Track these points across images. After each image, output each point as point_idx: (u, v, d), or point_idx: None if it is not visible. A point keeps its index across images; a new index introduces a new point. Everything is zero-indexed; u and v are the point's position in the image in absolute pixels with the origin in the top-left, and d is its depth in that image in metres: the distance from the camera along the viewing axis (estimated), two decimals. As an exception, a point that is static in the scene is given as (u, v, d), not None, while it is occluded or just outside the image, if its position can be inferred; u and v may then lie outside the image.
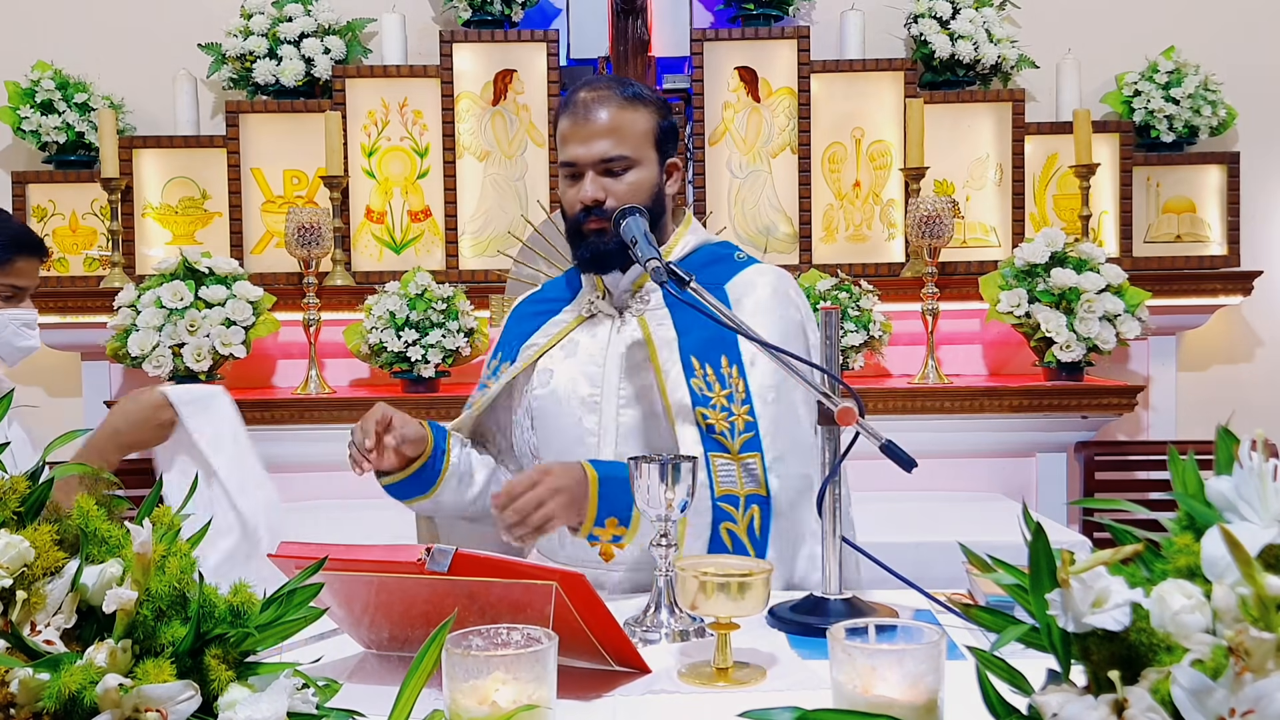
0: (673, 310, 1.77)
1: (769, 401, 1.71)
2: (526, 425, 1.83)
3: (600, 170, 1.73)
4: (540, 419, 1.80)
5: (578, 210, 1.75)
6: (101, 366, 3.54)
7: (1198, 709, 0.65)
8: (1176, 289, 3.56)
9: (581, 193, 1.73)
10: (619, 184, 1.73)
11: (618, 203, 1.72)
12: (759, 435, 1.69)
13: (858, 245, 3.61)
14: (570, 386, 1.77)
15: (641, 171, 1.75)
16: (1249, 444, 0.77)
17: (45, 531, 0.88)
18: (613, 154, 1.73)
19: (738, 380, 1.71)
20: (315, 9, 3.57)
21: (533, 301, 1.96)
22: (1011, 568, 0.86)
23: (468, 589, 1.19)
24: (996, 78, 3.65)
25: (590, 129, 1.73)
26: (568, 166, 1.76)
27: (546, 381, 1.80)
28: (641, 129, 1.75)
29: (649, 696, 1.19)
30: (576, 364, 1.79)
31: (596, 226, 1.73)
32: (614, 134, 1.73)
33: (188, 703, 0.81)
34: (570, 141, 1.75)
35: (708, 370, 1.71)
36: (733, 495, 1.67)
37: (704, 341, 1.73)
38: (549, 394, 1.79)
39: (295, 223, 3.20)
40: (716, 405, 1.69)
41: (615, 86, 1.77)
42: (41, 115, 3.52)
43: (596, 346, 1.79)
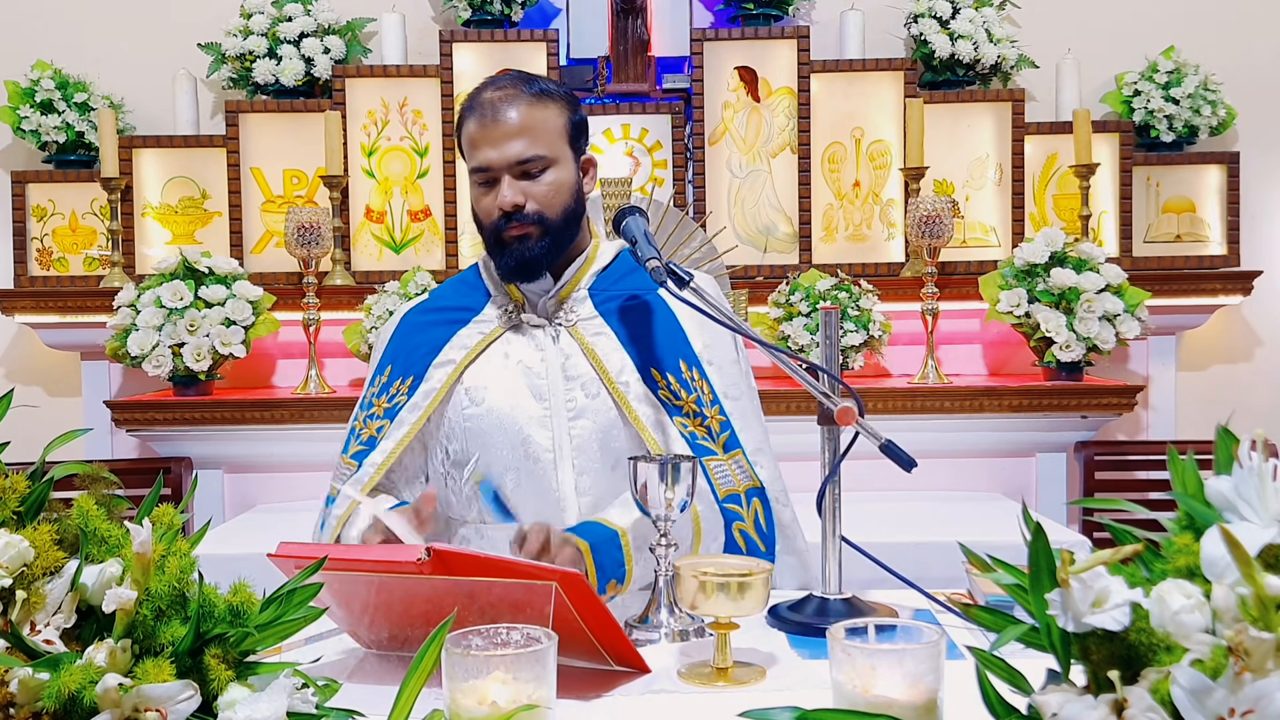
0: (609, 320, 1.72)
1: (734, 399, 1.73)
2: (455, 449, 1.71)
3: (516, 173, 1.64)
4: (475, 439, 1.68)
5: (496, 217, 1.65)
6: (101, 366, 3.54)
7: (1197, 709, 0.65)
8: (1176, 289, 3.55)
9: (500, 198, 1.63)
10: (538, 185, 1.65)
11: (538, 205, 1.65)
12: (734, 432, 1.70)
13: (857, 245, 3.61)
14: (512, 402, 1.68)
15: (559, 171, 1.67)
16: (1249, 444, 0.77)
17: (45, 531, 0.88)
18: (528, 154, 1.64)
19: (701, 382, 1.71)
20: (315, 9, 3.57)
21: (424, 311, 1.82)
22: (1011, 568, 0.86)
23: (467, 589, 1.19)
24: (996, 78, 3.65)
25: (501, 130, 1.64)
26: (481, 172, 1.65)
27: (480, 399, 1.69)
28: (554, 126, 1.67)
29: (649, 696, 1.19)
30: (513, 378, 1.69)
31: (519, 232, 1.65)
32: (526, 134, 1.64)
33: (187, 702, 0.81)
34: (481, 145, 1.65)
35: (670, 379, 1.70)
36: (734, 494, 1.67)
37: (656, 351, 1.71)
38: (484, 412, 1.68)
39: (295, 222, 3.20)
40: (689, 411, 1.69)
41: (521, 84, 1.68)
42: (41, 115, 3.52)
43: (533, 359, 1.70)
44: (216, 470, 3.29)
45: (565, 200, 1.68)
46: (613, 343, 1.71)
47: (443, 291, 1.87)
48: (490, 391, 1.69)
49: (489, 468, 1.68)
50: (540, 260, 1.68)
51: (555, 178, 1.66)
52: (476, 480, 1.70)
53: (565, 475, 1.66)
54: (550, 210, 1.66)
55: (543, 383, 1.69)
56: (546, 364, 1.70)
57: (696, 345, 1.73)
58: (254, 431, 3.23)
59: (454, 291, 1.83)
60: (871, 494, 2.78)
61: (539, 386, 1.69)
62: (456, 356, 1.72)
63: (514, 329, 1.73)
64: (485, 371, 1.71)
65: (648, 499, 1.40)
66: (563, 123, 1.68)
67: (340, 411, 3.19)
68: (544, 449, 1.66)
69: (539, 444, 1.66)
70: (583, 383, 1.69)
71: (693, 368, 1.71)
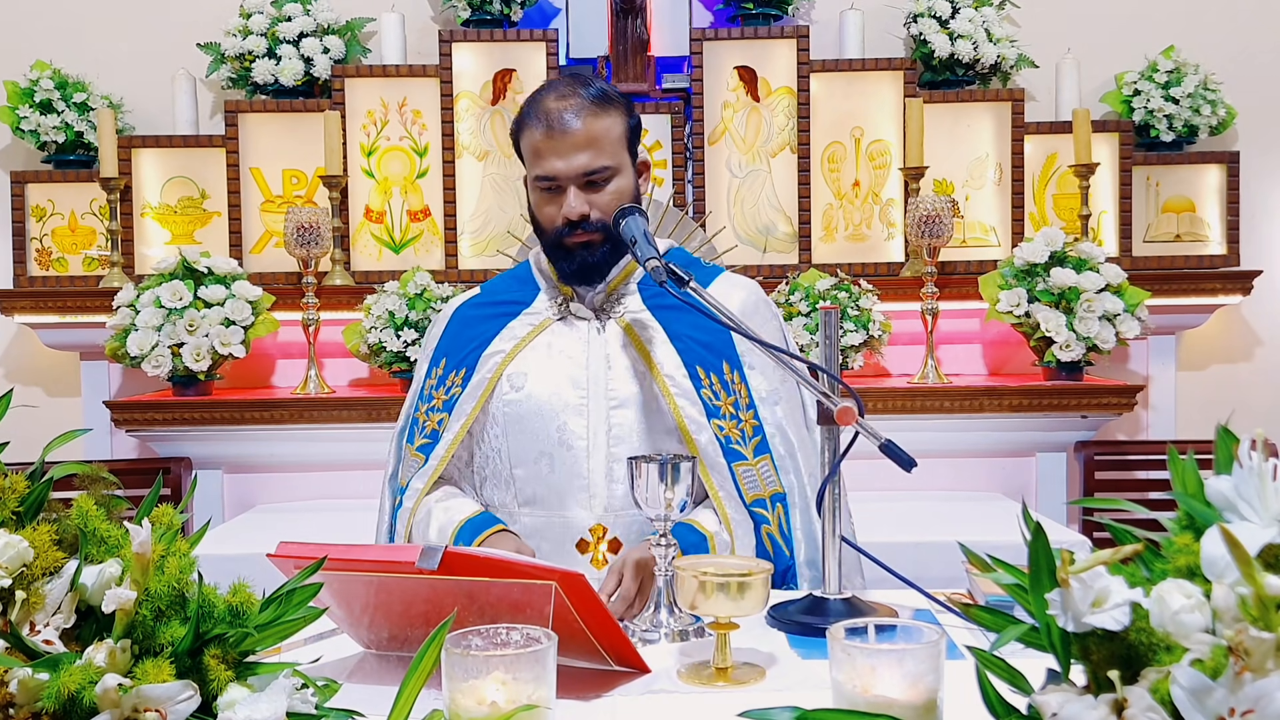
0: (658, 315, 1.76)
1: (771, 404, 1.75)
2: (495, 434, 1.75)
3: (582, 183, 1.67)
4: (513, 424, 1.73)
5: (560, 225, 1.69)
6: (101, 366, 3.54)
7: (1197, 708, 0.65)
8: (1176, 288, 3.55)
9: (567, 209, 1.67)
10: (603, 195, 1.68)
11: (602, 214, 1.68)
12: (765, 438, 1.73)
13: (857, 245, 3.61)
14: (551, 390, 1.72)
15: (622, 179, 1.70)
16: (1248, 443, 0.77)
17: (44, 531, 0.88)
18: (594, 166, 1.66)
19: (740, 385, 1.74)
20: (314, 8, 3.57)
21: (477, 305, 1.87)
22: (1011, 567, 0.86)
23: (467, 589, 1.19)
24: (996, 77, 3.65)
25: (569, 141, 1.65)
26: (546, 180, 1.68)
27: (520, 385, 1.73)
28: (616, 134, 1.70)
29: (648, 696, 1.19)
30: (555, 367, 1.73)
31: (584, 239, 1.68)
32: (593, 145, 1.66)
33: (187, 703, 0.81)
34: (547, 155, 1.67)
35: (713, 379, 1.73)
36: (760, 499, 1.70)
37: (702, 349, 1.74)
38: (524, 398, 1.72)
39: (294, 222, 3.20)
40: (726, 414, 1.72)
41: (580, 89, 1.69)
42: (40, 115, 3.52)
43: (576, 349, 1.74)
44: (216, 470, 3.29)
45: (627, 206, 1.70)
46: (661, 336, 1.74)
47: (494, 286, 1.92)
48: (530, 378, 1.73)
49: (524, 451, 1.72)
50: (602, 266, 1.72)
51: (618, 186, 1.70)
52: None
53: (597, 463, 1.69)
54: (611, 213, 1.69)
55: (583, 372, 1.73)
56: (589, 354, 1.74)
57: (740, 347, 1.76)
58: (253, 431, 3.23)
59: (505, 286, 1.88)
60: (871, 494, 2.78)
61: (579, 375, 1.72)
62: (506, 347, 1.77)
63: (561, 320, 1.78)
64: (528, 360, 1.75)
65: (647, 499, 1.40)
66: (622, 129, 1.72)
67: (339, 411, 3.19)
68: (578, 436, 1.70)
69: (573, 431, 1.70)
70: (628, 373, 1.72)
71: (735, 370, 1.75)
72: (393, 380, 3.30)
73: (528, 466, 1.72)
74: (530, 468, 1.71)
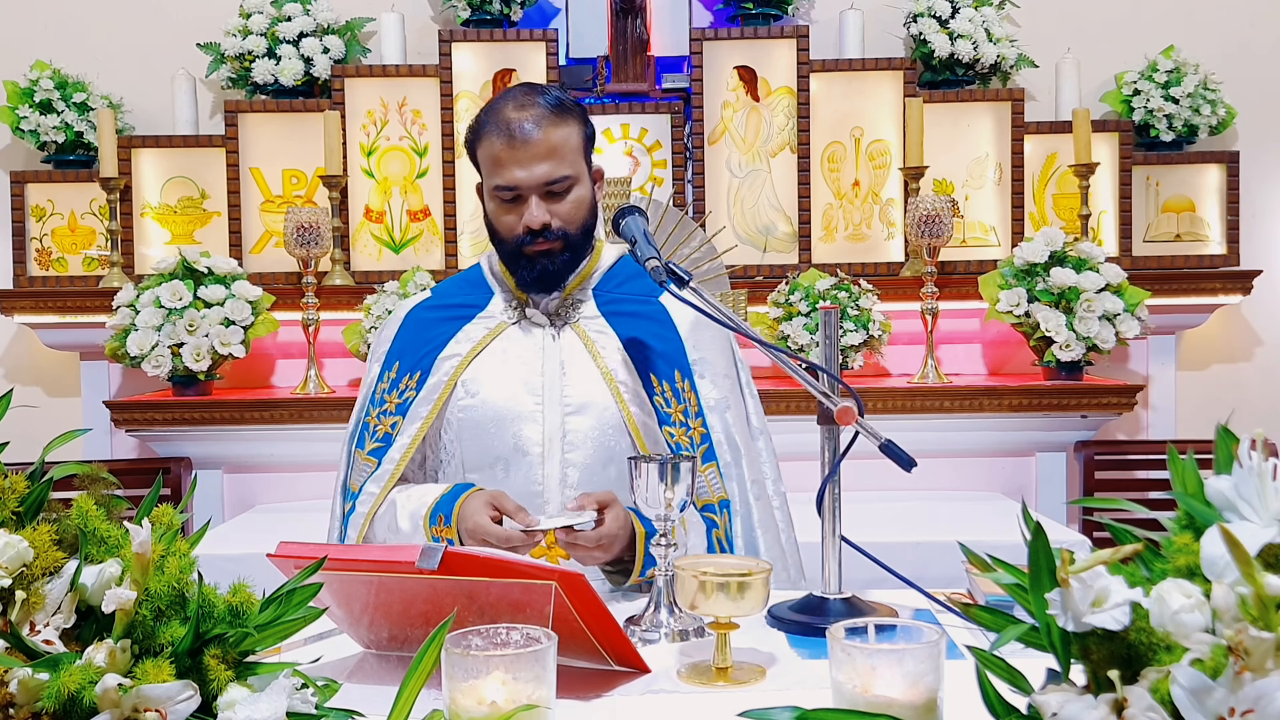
0: (612, 322, 1.76)
1: (720, 411, 1.77)
2: (450, 438, 1.75)
3: (543, 193, 1.67)
4: (468, 430, 1.72)
5: (520, 234, 1.68)
6: (100, 366, 3.54)
7: (1197, 708, 0.65)
8: (1176, 288, 3.55)
9: (529, 217, 1.66)
10: (563, 204, 1.68)
11: (563, 223, 1.68)
12: (713, 445, 1.75)
13: (857, 244, 3.61)
14: (506, 396, 1.71)
15: (581, 188, 1.70)
16: (1248, 443, 0.77)
17: (44, 531, 0.88)
18: (555, 175, 1.66)
19: (690, 393, 1.75)
20: (314, 8, 3.57)
21: (430, 308, 1.85)
22: (1011, 567, 0.86)
23: (467, 589, 1.19)
24: (996, 77, 3.65)
25: (529, 151, 1.65)
26: (507, 190, 1.67)
27: (475, 391, 1.72)
28: (575, 144, 1.70)
29: (648, 696, 1.19)
30: (510, 372, 1.72)
31: (544, 248, 1.68)
32: (553, 155, 1.66)
33: (187, 702, 0.81)
34: (508, 165, 1.66)
35: (665, 386, 1.74)
36: (710, 504, 1.72)
37: (654, 358, 1.75)
38: (479, 404, 1.72)
39: (294, 222, 3.20)
40: (676, 421, 1.73)
41: (539, 97, 1.69)
42: (40, 115, 3.52)
43: (531, 355, 1.74)
44: (216, 470, 3.29)
45: (585, 215, 1.72)
46: (614, 343, 1.74)
47: (446, 289, 1.90)
48: (485, 384, 1.73)
49: (480, 457, 1.71)
50: (561, 274, 1.72)
51: (578, 195, 1.70)
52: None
53: (552, 469, 1.69)
54: (572, 226, 1.70)
55: (538, 378, 1.72)
56: (545, 360, 1.73)
57: (692, 356, 1.77)
58: (253, 431, 3.23)
59: (457, 289, 1.86)
60: (871, 494, 2.78)
61: (534, 381, 1.72)
62: (462, 350, 1.75)
63: (516, 325, 1.77)
64: (484, 365, 1.74)
65: (648, 499, 1.40)
66: (579, 138, 1.71)
67: (340, 411, 3.19)
68: (533, 442, 1.70)
69: (529, 438, 1.70)
70: (582, 379, 1.72)
71: (685, 378, 1.76)
72: (393, 380, 3.30)
73: (482, 472, 1.71)
74: (485, 473, 1.71)
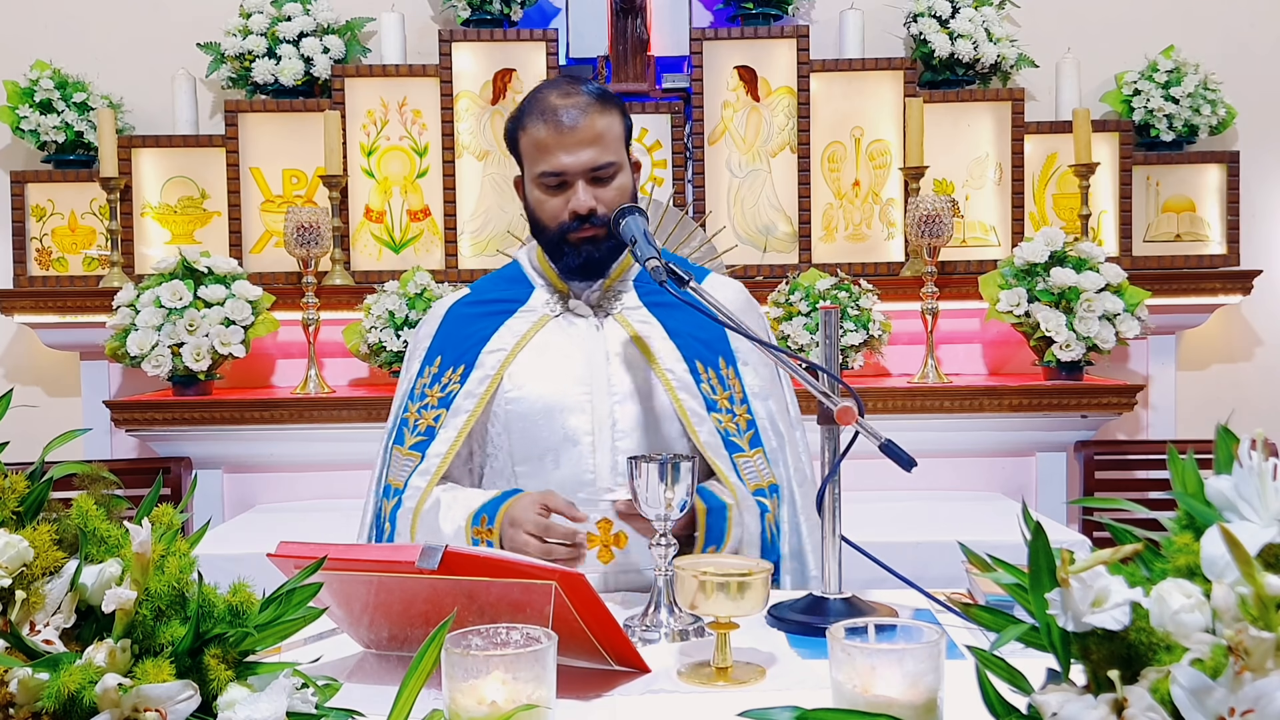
0: (655, 312, 1.78)
1: (763, 399, 1.80)
2: (497, 431, 1.75)
3: (589, 179, 1.69)
4: (516, 422, 1.73)
5: (565, 220, 1.70)
6: (100, 366, 3.54)
7: (1197, 708, 0.65)
8: (1176, 288, 3.55)
9: (576, 202, 1.68)
10: (608, 191, 1.70)
11: (607, 210, 1.69)
12: (758, 432, 1.77)
13: (857, 244, 3.60)
14: (554, 387, 1.72)
15: (624, 176, 1.73)
16: (1248, 443, 0.77)
17: (44, 531, 0.88)
18: (600, 161, 1.69)
19: (734, 380, 1.78)
20: (314, 8, 3.56)
21: (470, 304, 1.87)
22: (1011, 567, 0.86)
23: (467, 588, 1.19)
24: (996, 77, 3.65)
25: (576, 137, 1.68)
26: (553, 176, 1.69)
27: (522, 384, 1.73)
28: (617, 132, 1.73)
29: (648, 696, 1.19)
30: (556, 364, 1.74)
31: (589, 234, 1.70)
32: (598, 141, 1.69)
33: (187, 702, 0.81)
34: (554, 150, 1.68)
35: (710, 374, 1.76)
36: (761, 489, 1.74)
37: (699, 345, 1.77)
38: (527, 396, 1.73)
39: (294, 222, 3.20)
40: (723, 408, 1.75)
41: (581, 87, 1.73)
42: (40, 115, 3.52)
43: (574, 346, 1.75)
44: (216, 470, 3.29)
45: (628, 203, 1.72)
46: (659, 332, 1.77)
47: (485, 286, 1.92)
48: (533, 376, 1.74)
49: (529, 449, 1.72)
50: (605, 262, 1.75)
51: (621, 182, 1.73)
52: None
53: (603, 458, 1.70)
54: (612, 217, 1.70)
55: (585, 369, 1.74)
56: (590, 350, 1.75)
57: (734, 344, 1.80)
58: (253, 431, 3.23)
59: (496, 285, 1.89)
60: (871, 494, 2.78)
61: (581, 372, 1.73)
62: (507, 344, 1.77)
63: (560, 318, 1.79)
64: (530, 358, 1.76)
65: (647, 499, 1.40)
66: (620, 128, 1.75)
67: (339, 411, 3.19)
68: (583, 432, 1.71)
69: (578, 427, 1.71)
70: (629, 368, 1.74)
71: (729, 365, 1.78)
72: (392, 380, 3.30)
73: (531, 464, 1.72)
74: (534, 465, 1.72)
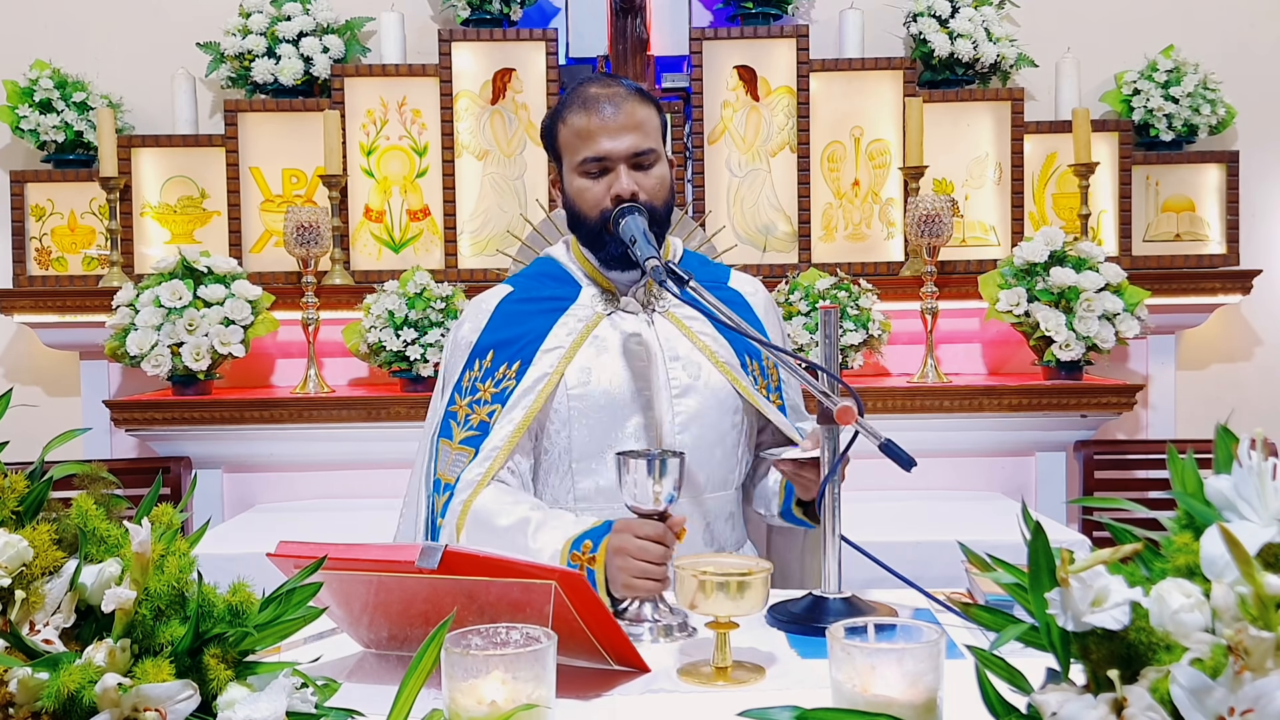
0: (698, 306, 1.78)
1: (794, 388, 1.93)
2: (555, 428, 1.74)
3: (631, 164, 1.72)
4: (577, 419, 1.73)
5: (607, 206, 1.71)
6: (100, 366, 3.54)
7: (1197, 708, 0.65)
8: (1175, 288, 3.55)
9: (619, 185, 1.70)
10: (648, 178, 1.73)
11: (649, 197, 1.72)
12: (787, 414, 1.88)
13: (857, 244, 3.60)
14: (613, 384, 1.74)
15: (663, 166, 1.76)
16: (1248, 443, 0.77)
17: (44, 531, 0.88)
18: (643, 147, 1.72)
19: (773, 370, 1.86)
20: (314, 8, 3.56)
21: (518, 301, 1.84)
22: (1011, 567, 0.86)
23: (467, 588, 1.19)
24: (995, 76, 3.65)
25: (618, 123, 1.71)
26: (595, 162, 1.71)
27: (584, 381, 1.74)
28: (656, 124, 1.77)
29: (648, 696, 1.19)
30: (615, 361, 1.75)
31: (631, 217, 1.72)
32: (639, 129, 1.72)
33: (186, 702, 0.81)
34: (597, 136, 1.71)
35: (754, 365, 1.84)
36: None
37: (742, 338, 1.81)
38: (587, 394, 1.73)
39: (294, 222, 3.20)
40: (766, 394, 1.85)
41: (621, 82, 1.77)
42: (40, 114, 3.52)
43: (632, 342, 1.77)
44: (215, 470, 3.29)
45: (666, 194, 1.76)
46: (707, 327, 1.80)
47: (528, 284, 1.88)
48: (591, 374, 1.74)
49: (591, 444, 1.73)
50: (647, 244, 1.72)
51: (661, 172, 1.76)
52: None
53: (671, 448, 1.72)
54: (657, 201, 1.74)
55: (643, 364, 1.75)
56: (647, 347, 1.76)
57: (773, 335, 1.89)
58: (253, 431, 3.23)
59: (541, 284, 1.86)
60: (871, 494, 2.77)
61: (639, 368, 1.75)
62: (565, 342, 1.76)
63: (611, 316, 1.80)
64: (586, 356, 1.76)
65: (636, 495, 1.41)
66: (659, 122, 1.78)
67: (339, 411, 3.19)
68: (646, 426, 1.73)
69: (640, 422, 1.73)
70: (684, 363, 1.77)
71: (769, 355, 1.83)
72: (392, 380, 3.30)
73: (590, 460, 1.73)
74: (595, 461, 1.73)
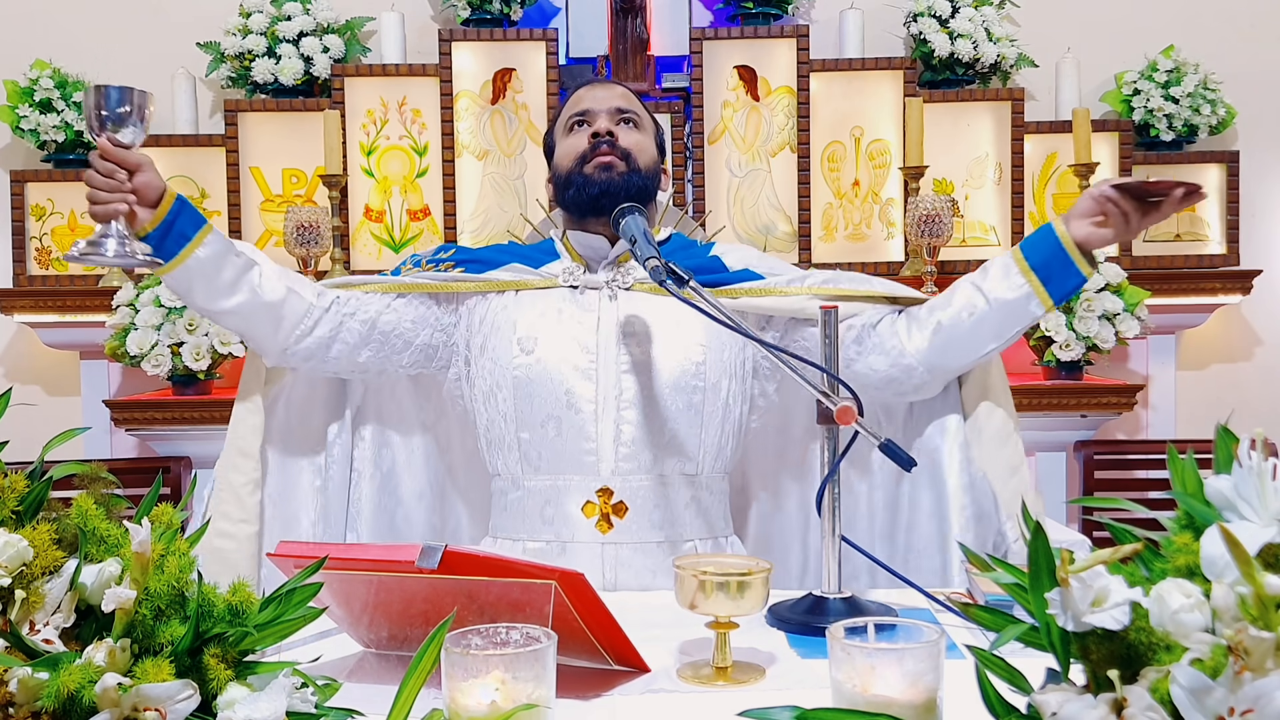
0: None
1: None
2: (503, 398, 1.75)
3: (615, 119, 1.79)
4: (522, 388, 1.73)
5: (585, 147, 1.77)
6: (100, 365, 3.54)
7: (1197, 708, 0.65)
8: (1176, 288, 3.55)
9: (597, 124, 1.78)
10: (631, 134, 1.80)
11: (627, 146, 1.77)
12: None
13: (857, 244, 3.61)
14: (560, 354, 1.73)
15: (648, 139, 1.82)
16: (1248, 443, 0.77)
17: (44, 530, 0.88)
18: (628, 107, 1.81)
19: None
20: (314, 8, 3.56)
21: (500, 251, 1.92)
22: (1011, 567, 0.86)
23: (466, 588, 1.19)
24: (996, 76, 3.65)
25: (607, 89, 1.83)
26: (579, 115, 1.81)
27: (530, 349, 1.74)
28: (648, 120, 1.86)
29: (648, 696, 1.19)
30: (564, 332, 1.75)
31: (606, 159, 1.75)
32: (628, 99, 1.83)
33: (186, 702, 0.81)
34: (584, 99, 1.82)
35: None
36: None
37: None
38: (534, 362, 1.74)
39: (294, 222, 3.20)
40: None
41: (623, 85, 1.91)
42: (40, 114, 3.52)
43: (586, 315, 1.77)
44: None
45: (648, 163, 1.81)
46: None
47: (515, 245, 2.05)
48: (540, 343, 1.75)
49: (532, 413, 1.73)
50: (619, 192, 1.74)
51: (644, 140, 1.82)
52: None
53: (605, 427, 1.71)
54: (637, 154, 1.79)
55: (593, 337, 1.75)
56: (600, 320, 1.76)
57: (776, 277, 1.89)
58: (253, 431, 3.22)
59: (525, 246, 1.99)
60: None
61: (588, 340, 1.75)
62: (511, 277, 1.82)
63: (573, 288, 1.81)
64: (538, 324, 1.77)
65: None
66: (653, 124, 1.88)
67: (339, 411, 3.19)
68: (586, 400, 1.72)
69: (581, 395, 1.72)
70: (639, 341, 1.75)
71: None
72: (392, 379, 3.30)
73: (534, 430, 1.73)
74: (536, 431, 1.73)
